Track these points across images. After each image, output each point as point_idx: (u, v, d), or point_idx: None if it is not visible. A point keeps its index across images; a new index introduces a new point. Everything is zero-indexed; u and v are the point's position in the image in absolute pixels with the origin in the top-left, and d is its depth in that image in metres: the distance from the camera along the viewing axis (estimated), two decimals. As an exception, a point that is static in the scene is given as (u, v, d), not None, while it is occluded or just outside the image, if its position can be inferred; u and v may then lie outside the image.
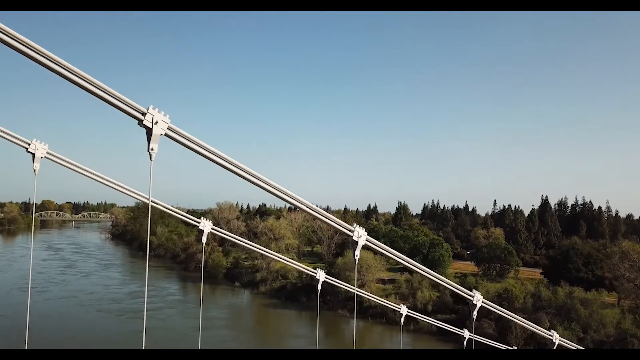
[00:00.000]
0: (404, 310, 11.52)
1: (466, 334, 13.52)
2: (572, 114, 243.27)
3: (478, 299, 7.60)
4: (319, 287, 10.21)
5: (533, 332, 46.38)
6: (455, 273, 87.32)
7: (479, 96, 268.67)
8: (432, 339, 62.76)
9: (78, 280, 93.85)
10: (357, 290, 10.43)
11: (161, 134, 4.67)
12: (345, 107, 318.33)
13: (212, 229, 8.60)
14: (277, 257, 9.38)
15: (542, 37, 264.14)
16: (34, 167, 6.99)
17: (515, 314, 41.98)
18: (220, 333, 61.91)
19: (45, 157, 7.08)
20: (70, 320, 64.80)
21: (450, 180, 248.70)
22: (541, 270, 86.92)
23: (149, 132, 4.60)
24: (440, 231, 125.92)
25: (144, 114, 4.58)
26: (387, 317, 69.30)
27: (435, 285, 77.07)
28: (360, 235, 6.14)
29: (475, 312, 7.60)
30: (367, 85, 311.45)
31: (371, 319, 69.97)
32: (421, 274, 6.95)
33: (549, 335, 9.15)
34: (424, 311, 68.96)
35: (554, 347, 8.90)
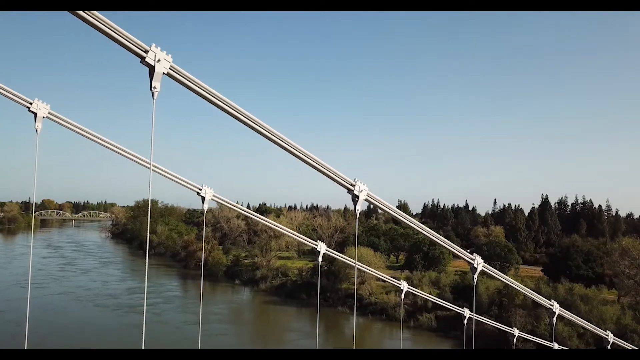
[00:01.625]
0: (404, 286, 11.54)
1: (466, 312, 13.59)
2: (572, 114, 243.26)
3: (479, 262, 7.62)
4: (320, 259, 10.23)
5: (533, 328, 46.06)
6: (456, 271, 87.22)
7: (478, 95, 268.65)
8: (432, 335, 62.78)
9: (77, 276, 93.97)
10: (358, 264, 10.43)
11: (163, 73, 4.68)
12: (343, 105, 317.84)
13: (213, 195, 8.61)
14: (278, 226, 9.40)
15: (544, 33, 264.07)
16: (36, 127, 7.00)
17: (515, 310, 41.78)
18: (220, 329, 62.01)
19: (47, 117, 7.10)
20: (67, 314, 65.15)
21: (450, 180, 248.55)
22: (541, 268, 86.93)
23: (151, 70, 4.61)
24: (440, 230, 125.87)
25: (146, 51, 4.60)
26: (387, 314, 69.38)
27: (435, 283, 77.05)
28: (361, 190, 6.14)
29: (476, 276, 7.62)
30: (363, 81, 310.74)
31: (371, 315, 70.02)
32: (422, 234, 6.92)
33: (550, 304, 9.16)
34: (424, 307, 69.03)
35: (554, 318, 8.91)
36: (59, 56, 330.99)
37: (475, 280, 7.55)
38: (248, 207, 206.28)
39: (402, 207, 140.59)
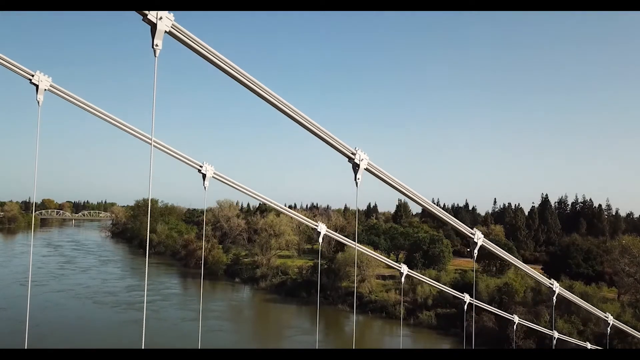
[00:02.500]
0: (404, 269, 11.56)
1: (467, 298, 13.61)
2: (572, 113, 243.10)
3: (479, 237, 7.64)
4: (320, 240, 10.25)
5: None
6: (456, 269, 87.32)
7: (477, 93, 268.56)
8: (432, 333, 62.81)
9: (76, 274, 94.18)
10: (358, 246, 10.45)
11: (165, 31, 4.70)
12: (342, 102, 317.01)
13: (214, 173, 8.63)
14: (280, 207, 9.42)
15: (543, 28, 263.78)
16: (37, 99, 7.03)
17: (515, 307, 41.65)
18: (220, 326, 62.07)
19: (48, 89, 7.12)
20: (66, 311, 65.45)
21: (449, 179, 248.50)
22: (541, 267, 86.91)
23: (153, 28, 4.64)
24: (440, 229, 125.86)
25: (148, 9, 4.62)
26: (387, 312, 69.35)
27: (435, 281, 76.94)
28: (362, 158, 6.16)
29: (476, 251, 7.63)
30: (362, 78, 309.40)
31: (371, 313, 70.00)
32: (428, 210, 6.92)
33: (550, 284, 9.18)
34: (424, 305, 69.06)
35: (554, 297, 8.92)
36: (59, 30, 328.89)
37: (475, 256, 7.56)
38: (248, 206, 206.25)
39: (402, 206, 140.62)
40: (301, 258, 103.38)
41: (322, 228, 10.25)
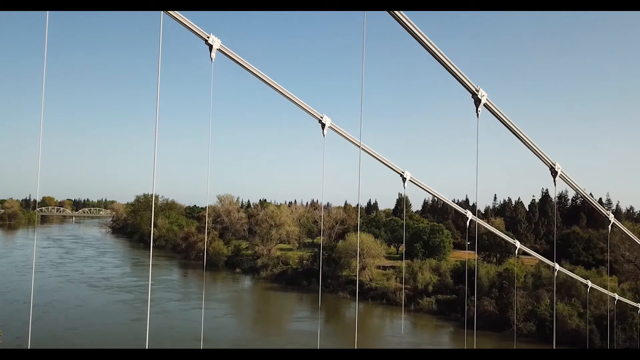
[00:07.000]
0: (407, 175, 11.63)
1: (469, 214, 13.69)
2: (572, 108, 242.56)
3: (483, 94, 7.70)
4: (325, 132, 10.32)
5: (533, 308, 45.53)
6: (456, 260, 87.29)
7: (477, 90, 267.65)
8: (432, 319, 62.90)
9: (74, 263, 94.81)
10: (362, 146, 10.55)
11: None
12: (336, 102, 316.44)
13: (220, 46, 8.69)
14: (283, 92, 9.49)
15: (545, 29, 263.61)
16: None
17: (517, 292, 41.46)
18: (224, 311, 62.21)
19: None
20: (63, 293, 66.91)
21: (449, 176, 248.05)
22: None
23: None
24: (440, 223, 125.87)
25: None
26: (388, 298, 69.38)
27: (435, 269, 76.90)
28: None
29: (480, 109, 7.70)
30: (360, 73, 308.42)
31: (371, 300, 69.99)
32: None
33: (552, 163, 9.23)
34: (425, 292, 69.10)
35: (556, 177, 8.97)
36: None
37: (479, 114, 7.63)
38: (248, 203, 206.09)
39: (403, 200, 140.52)
40: (301, 250, 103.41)
41: (327, 120, 10.33)
